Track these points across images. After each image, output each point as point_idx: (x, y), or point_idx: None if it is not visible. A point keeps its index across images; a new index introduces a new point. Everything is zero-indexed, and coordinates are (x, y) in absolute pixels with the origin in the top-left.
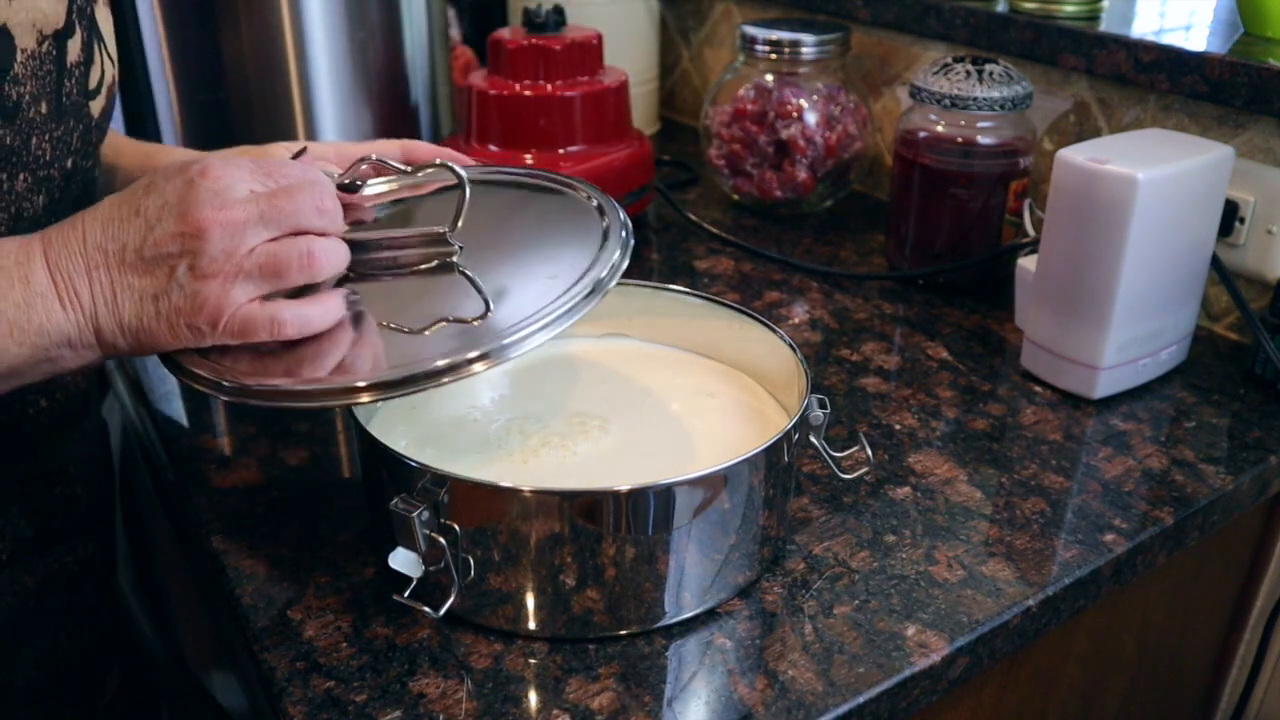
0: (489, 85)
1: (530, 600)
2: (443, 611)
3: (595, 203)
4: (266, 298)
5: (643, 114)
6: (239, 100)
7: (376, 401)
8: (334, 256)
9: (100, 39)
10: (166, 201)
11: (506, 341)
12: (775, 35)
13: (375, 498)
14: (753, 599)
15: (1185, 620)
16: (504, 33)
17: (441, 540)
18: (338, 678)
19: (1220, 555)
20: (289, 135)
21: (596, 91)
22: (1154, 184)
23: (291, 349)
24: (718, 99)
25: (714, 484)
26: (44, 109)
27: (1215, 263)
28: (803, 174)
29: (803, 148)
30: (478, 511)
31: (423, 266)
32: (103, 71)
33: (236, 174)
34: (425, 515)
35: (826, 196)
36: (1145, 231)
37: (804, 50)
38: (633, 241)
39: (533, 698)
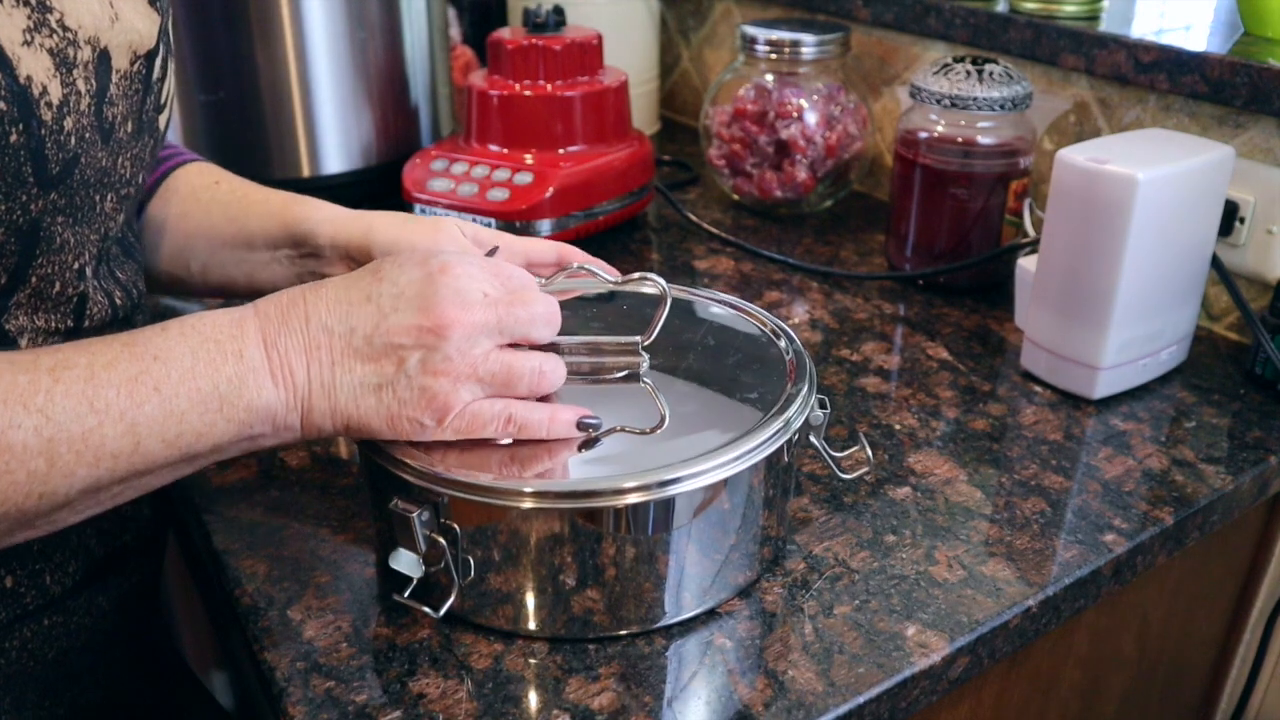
0: (489, 85)
1: (530, 600)
2: (443, 611)
3: (772, 329)
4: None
5: (643, 114)
6: (239, 100)
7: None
8: (558, 376)
9: (171, 54)
10: (403, 293)
11: (667, 477)
12: (775, 35)
13: (375, 498)
14: (753, 599)
15: (1185, 620)
16: (504, 33)
17: (441, 540)
18: (338, 678)
19: (1220, 555)
20: (289, 136)
21: (596, 91)
22: (1154, 184)
23: (498, 447)
24: (718, 99)
25: (714, 486)
26: (130, 128)
27: (1215, 263)
28: (803, 174)
29: (803, 148)
30: (477, 512)
31: (609, 373)
32: (170, 85)
33: (474, 273)
34: (425, 515)
35: (826, 196)
36: (1145, 231)
37: (804, 50)
38: (815, 382)
39: (533, 698)
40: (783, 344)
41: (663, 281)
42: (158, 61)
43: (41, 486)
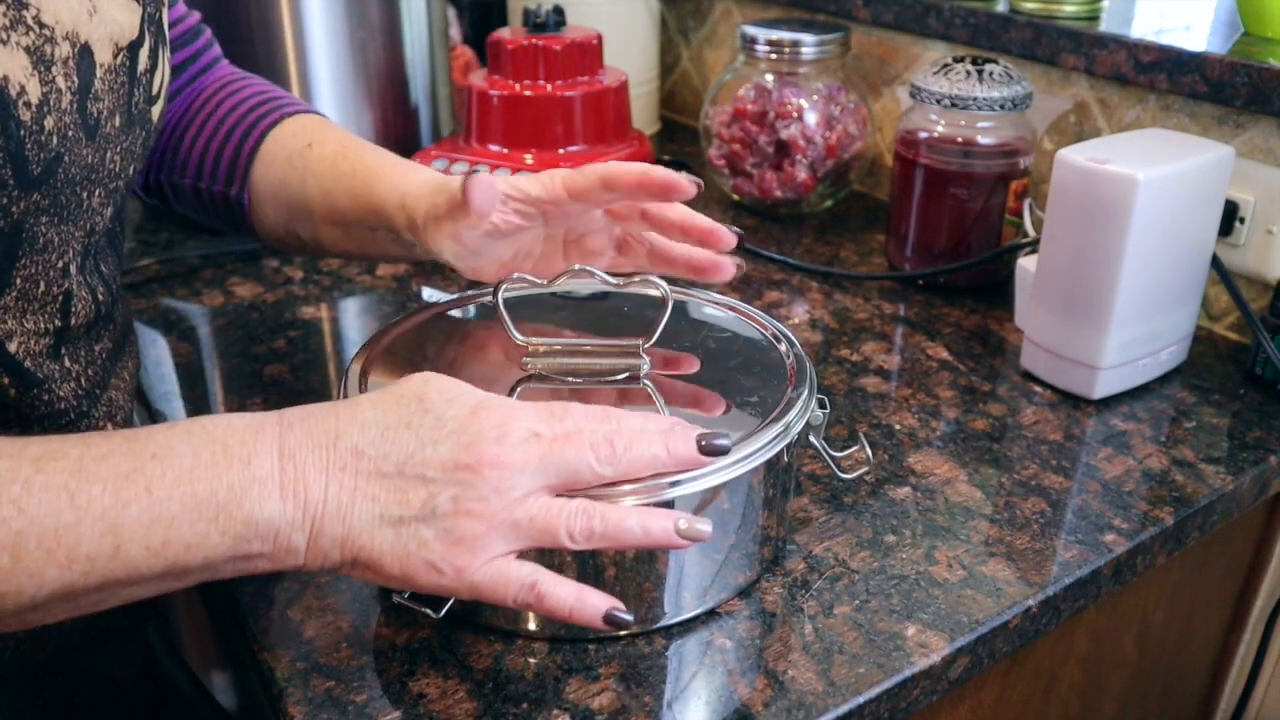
0: (489, 85)
1: None
2: (443, 612)
3: (772, 333)
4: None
5: (643, 114)
6: None
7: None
8: (608, 524)
9: (164, 43)
10: (446, 425)
11: (667, 480)
12: (775, 35)
13: None
14: (753, 599)
15: (1185, 620)
16: (504, 33)
17: None
18: (338, 678)
19: (1220, 555)
20: None
21: (596, 91)
22: (1154, 184)
23: None
24: (718, 99)
25: (713, 489)
26: (117, 122)
27: (1215, 263)
28: (803, 174)
29: (803, 148)
30: None
31: (609, 376)
32: (163, 75)
33: (520, 411)
34: None
35: (826, 196)
36: (1145, 231)
37: (804, 50)
38: (816, 390)
39: (533, 698)
40: (783, 347)
41: (664, 284)
42: (143, 52)
43: (4, 584)
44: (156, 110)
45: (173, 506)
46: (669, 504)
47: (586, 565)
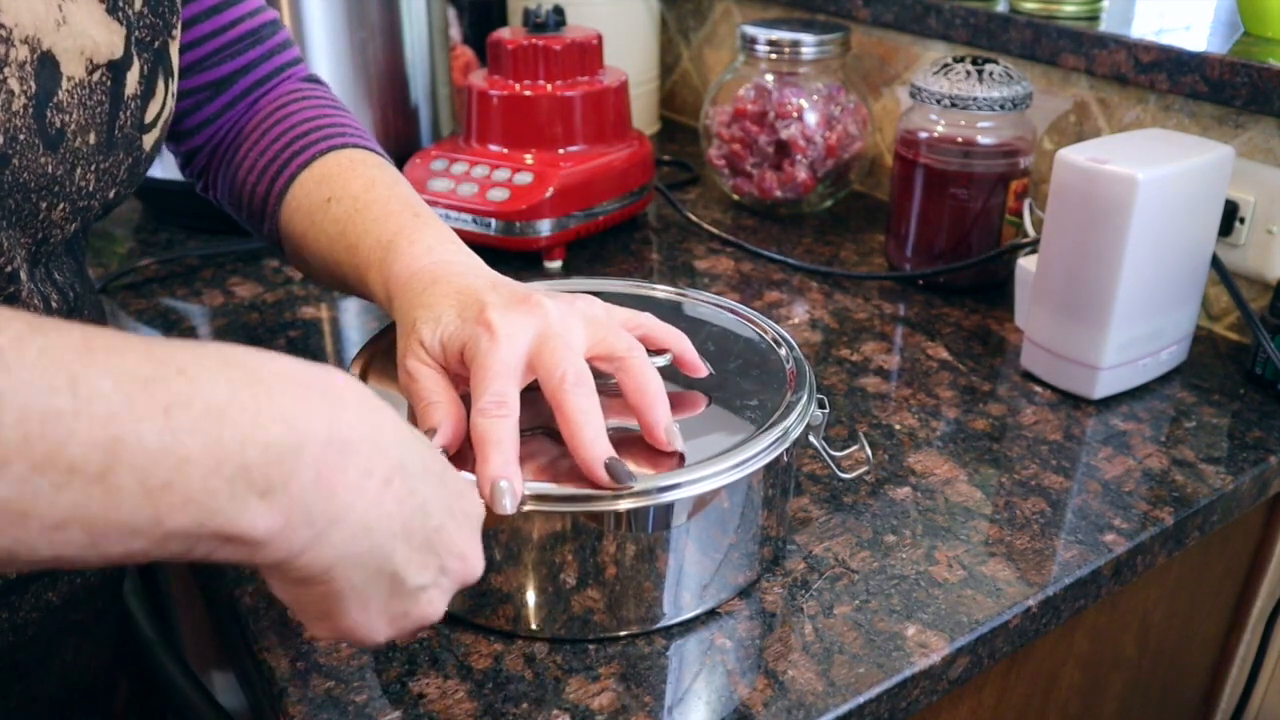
0: (489, 85)
1: (530, 600)
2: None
3: (773, 337)
4: None
5: (643, 114)
6: None
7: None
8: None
9: (169, 74)
10: (456, 507)
11: (666, 483)
12: (775, 35)
13: None
14: (753, 599)
15: (1185, 620)
16: (504, 33)
17: None
18: (338, 678)
19: (1220, 555)
20: None
21: (596, 91)
22: (1154, 184)
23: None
24: (718, 99)
25: (713, 491)
26: (92, 139)
27: (1215, 263)
28: (803, 174)
29: (803, 148)
30: None
31: (610, 378)
32: (163, 105)
33: (374, 609)
34: None
35: (826, 196)
36: (1145, 231)
37: (804, 50)
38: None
39: (533, 698)
40: (783, 351)
41: (665, 359)
42: (130, 76)
43: None
44: (150, 139)
45: (191, 444)
46: (669, 506)
47: (586, 566)
